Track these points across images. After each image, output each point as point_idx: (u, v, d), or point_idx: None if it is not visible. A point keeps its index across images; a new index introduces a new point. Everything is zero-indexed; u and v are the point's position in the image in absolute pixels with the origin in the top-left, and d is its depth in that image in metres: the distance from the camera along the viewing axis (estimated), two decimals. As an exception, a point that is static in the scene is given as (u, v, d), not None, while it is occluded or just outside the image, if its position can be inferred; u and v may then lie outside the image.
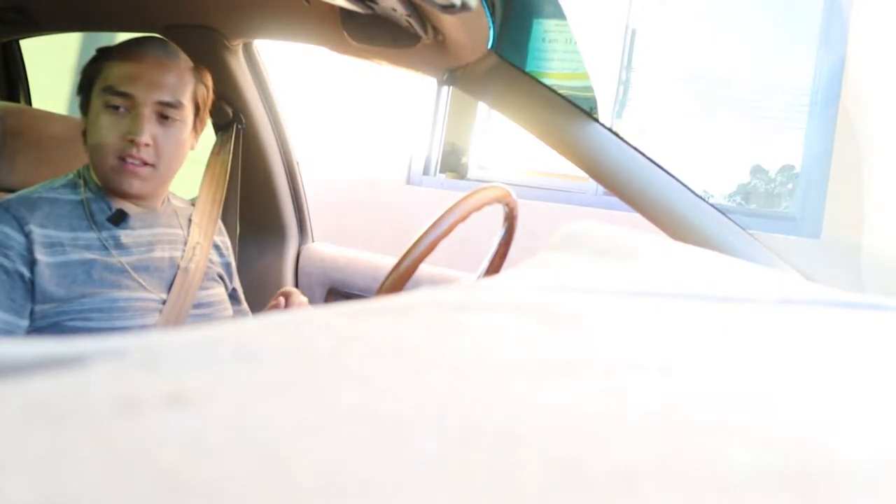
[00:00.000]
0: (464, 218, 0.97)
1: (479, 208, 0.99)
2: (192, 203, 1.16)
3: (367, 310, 0.27)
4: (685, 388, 0.21)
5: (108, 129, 0.94)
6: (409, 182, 2.82)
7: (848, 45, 2.25)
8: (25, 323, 0.89)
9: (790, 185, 2.49)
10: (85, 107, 0.98)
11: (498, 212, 1.13)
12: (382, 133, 2.86)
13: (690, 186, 1.10)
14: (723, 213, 1.08)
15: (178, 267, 1.03)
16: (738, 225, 1.07)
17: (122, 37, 1.10)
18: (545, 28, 2.83)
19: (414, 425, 0.16)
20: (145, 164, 0.96)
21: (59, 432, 0.14)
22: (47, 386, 0.16)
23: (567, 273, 0.40)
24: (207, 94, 1.05)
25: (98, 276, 0.93)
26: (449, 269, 1.43)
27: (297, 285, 1.56)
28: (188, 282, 1.03)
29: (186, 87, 1.00)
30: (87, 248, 0.94)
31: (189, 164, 1.08)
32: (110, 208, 0.97)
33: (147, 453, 0.13)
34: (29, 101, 1.77)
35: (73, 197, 0.96)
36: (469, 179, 2.83)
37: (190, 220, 1.11)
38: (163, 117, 0.96)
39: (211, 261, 1.11)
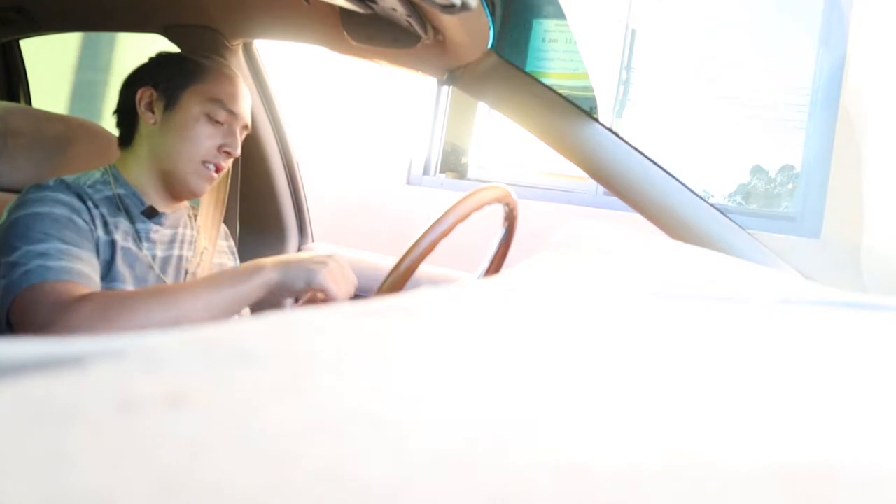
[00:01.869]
0: (464, 218, 0.97)
1: (479, 208, 0.99)
2: (193, 205, 1.17)
3: (367, 310, 0.27)
4: (686, 388, 0.21)
5: (206, 137, 1.01)
6: (408, 182, 2.82)
7: (848, 45, 2.25)
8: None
9: (790, 185, 2.49)
10: (171, 105, 1.01)
11: (498, 212, 1.13)
12: (382, 133, 2.86)
13: (690, 186, 1.10)
14: (723, 213, 1.08)
15: (187, 271, 1.07)
16: (738, 225, 1.07)
17: (123, 37, 1.10)
18: (545, 28, 2.83)
19: (414, 425, 0.16)
20: (219, 171, 1.04)
21: (59, 432, 0.14)
22: (47, 386, 0.16)
23: (567, 273, 0.40)
24: None
25: (131, 265, 0.97)
26: (449, 269, 1.43)
27: (297, 285, 1.56)
28: None
29: None
30: (125, 236, 0.98)
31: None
32: (143, 203, 1.02)
33: (147, 453, 0.13)
34: (29, 101, 1.77)
35: (106, 192, 0.99)
36: (469, 179, 2.83)
37: (190, 222, 1.13)
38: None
39: (221, 264, 1.15)
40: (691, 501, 0.14)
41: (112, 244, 0.95)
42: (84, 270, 0.87)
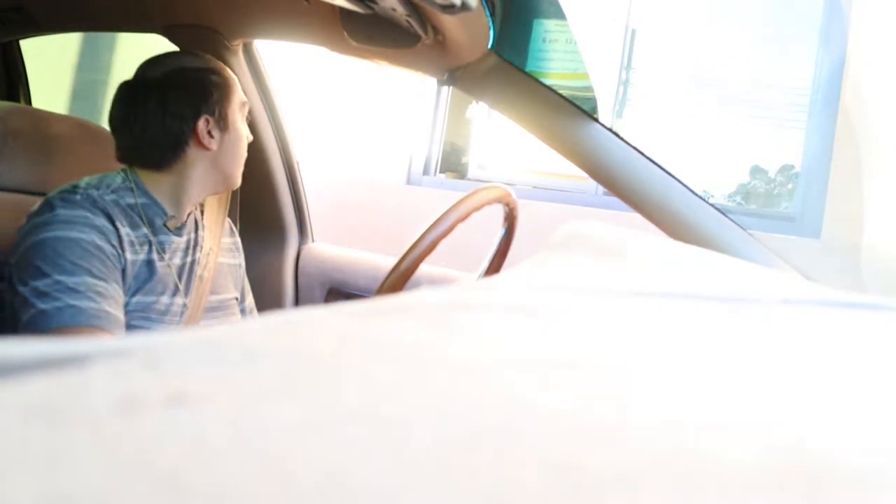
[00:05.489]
0: (464, 218, 0.97)
1: (479, 208, 1.00)
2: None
3: (367, 310, 0.27)
4: (686, 388, 0.21)
5: (246, 140, 1.08)
6: (409, 182, 2.82)
7: (848, 45, 2.25)
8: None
9: (790, 185, 2.49)
10: (225, 126, 1.03)
11: (498, 212, 1.13)
12: (382, 133, 2.86)
13: (690, 186, 1.10)
14: (723, 213, 1.08)
15: (195, 274, 1.07)
16: (738, 225, 1.07)
17: (123, 37, 1.10)
18: (545, 28, 2.83)
19: (414, 425, 0.16)
20: None
21: (59, 432, 0.14)
22: (47, 386, 0.16)
23: (567, 273, 0.40)
24: None
25: (154, 278, 0.98)
26: (449, 269, 1.43)
27: (296, 285, 1.56)
28: (202, 288, 1.08)
29: None
30: (149, 249, 0.98)
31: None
32: (165, 214, 1.01)
33: (147, 453, 0.13)
34: (29, 101, 1.77)
35: (129, 200, 0.99)
36: (469, 179, 2.83)
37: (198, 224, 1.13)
38: None
39: (229, 264, 1.17)
40: (691, 501, 0.14)
41: (139, 262, 0.97)
42: (111, 312, 0.88)
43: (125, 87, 1.01)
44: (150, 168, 1.01)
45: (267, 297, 1.53)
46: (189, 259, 1.05)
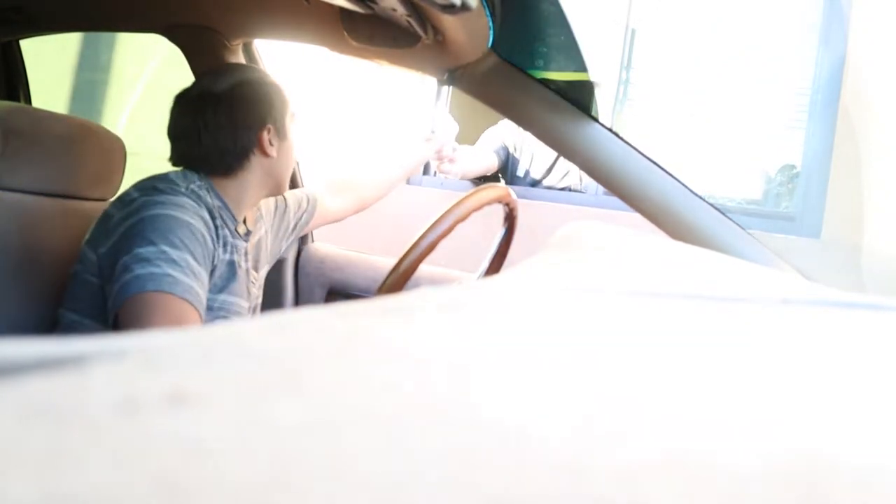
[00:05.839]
0: (464, 218, 0.97)
1: (478, 208, 1.00)
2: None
3: (367, 310, 0.27)
4: (686, 388, 0.21)
5: (295, 144, 1.12)
6: (408, 182, 2.82)
7: (848, 45, 2.25)
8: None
9: (790, 185, 2.49)
10: (283, 134, 1.08)
11: (498, 212, 1.14)
12: (382, 133, 2.86)
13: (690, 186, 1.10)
14: (723, 213, 1.08)
15: (251, 280, 1.12)
16: (738, 225, 1.07)
17: (123, 37, 1.10)
18: (545, 28, 2.82)
19: (414, 425, 0.16)
20: None
21: (59, 432, 0.14)
22: (47, 386, 0.16)
23: (567, 273, 0.40)
24: None
25: (236, 279, 1.03)
26: (449, 269, 1.43)
27: (296, 285, 1.56)
28: (258, 296, 1.17)
29: None
30: (232, 251, 1.03)
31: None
32: (234, 219, 1.05)
33: (147, 454, 0.13)
34: (29, 101, 1.77)
35: (210, 200, 1.02)
36: (469, 179, 2.83)
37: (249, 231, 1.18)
38: None
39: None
40: (691, 501, 0.14)
41: (225, 262, 1.01)
42: (200, 294, 0.91)
43: (187, 99, 1.04)
44: (214, 175, 1.04)
45: (267, 297, 1.53)
46: (247, 266, 1.10)
